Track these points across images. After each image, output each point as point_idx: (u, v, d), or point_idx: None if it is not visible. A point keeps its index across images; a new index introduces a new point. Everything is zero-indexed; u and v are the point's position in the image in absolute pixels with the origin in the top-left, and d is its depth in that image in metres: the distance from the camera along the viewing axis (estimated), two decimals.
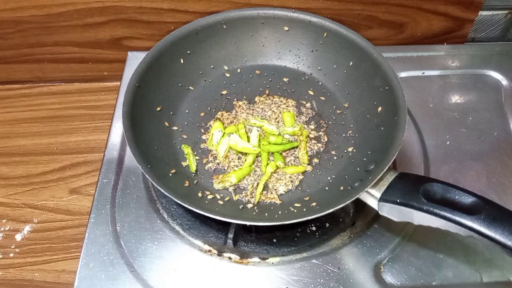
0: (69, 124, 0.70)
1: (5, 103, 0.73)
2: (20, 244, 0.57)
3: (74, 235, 0.58)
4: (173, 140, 0.56)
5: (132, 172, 0.58)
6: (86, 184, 0.63)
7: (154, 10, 0.69)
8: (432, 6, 0.70)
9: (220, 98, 0.61)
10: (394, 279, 0.49)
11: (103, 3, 0.67)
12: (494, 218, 0.33)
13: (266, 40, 0.64)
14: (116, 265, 0.50)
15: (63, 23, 0.69)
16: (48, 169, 0.65)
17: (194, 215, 0.53)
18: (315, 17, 0.61)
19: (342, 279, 0.49)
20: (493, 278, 0.49)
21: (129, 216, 0.54)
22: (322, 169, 0.54)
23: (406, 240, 0.52)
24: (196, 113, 0.59)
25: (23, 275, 0.55)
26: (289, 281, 0.49)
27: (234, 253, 0.51)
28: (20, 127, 0.70)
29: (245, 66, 0.64)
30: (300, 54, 0.64)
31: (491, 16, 0.74)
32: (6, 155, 0.66)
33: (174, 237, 0.52)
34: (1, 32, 0.70)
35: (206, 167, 0.54)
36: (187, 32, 0.60)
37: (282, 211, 0.49)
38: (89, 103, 0.73)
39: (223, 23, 0.62)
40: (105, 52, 0.74)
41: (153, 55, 0.57)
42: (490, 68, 0.70)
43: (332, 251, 0.51)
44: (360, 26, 0.73)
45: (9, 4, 0.66)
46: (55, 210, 0.60)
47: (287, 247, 0.51)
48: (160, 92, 0.58)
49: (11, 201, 0.61)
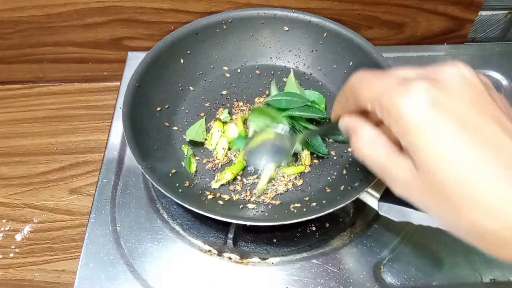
0: (69, 124, 0.70)
1: (5, 103, 0.73)
2: (20, 244, 0.57)
3: (74, 235, 0.58)
4: (173, 140, 0.56)
5: (132, 172, 0.58)
6: (86, 184, 0.63)
7: (154, 10, 0.69)
8: (432, 6, 0.70)
9: (220, 98, 0.61)
10: (394, 279, 0.49)
11: (103, 3, 0.67)
12: None
13: (266, 40, 0.64)
14: (116, 265, 0.50)
15: (63, 23, 0.69)
16: (48, 169, 0.65)
17: (194, 215, 0.53)
18: (315, 17, 0.61)
19: (342, 279, 0.49)
20: (493, 278, 0.49)
21: (129, 216, 0.54)
22: (322, 169, 0.54)
23: (406, 240, 0.52)
24: (196, 113, 0.59)
25: (23, 275, 0.55)
26: (289, 281, 0.49)
27: (234, 253, 0.51)
28: (20, 127, 0.70)
29: (245, 66, 0.64)
30: (300, 54, 0.64)
31: (491, 16, 0.74)
32: (6, 155, 0.66)
33: (174, 237, 0.52)
34: (1, 32, 0.70)
35: (206, 167, 0.54)
36: (187, 32, 0.60)
37: (282, 211, 0.49)
38: (89, 103, 0.73)
39: (223, 23, 0.62)
40: (105, 52, 0.74)
41: (153, 55, 0.57)
42: (490, 68, 0.70)
43: (332, 251, 0.51)
44: (360, 26, 0.73)
45: (9, 4, 0.66)
46: (55, 210, 0.60)
47: (287, 247, 0.51)
48: (160, 92, 0.58)
49: (11, 201, 0.61)
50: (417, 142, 0.27)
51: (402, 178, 0.29)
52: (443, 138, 0.26)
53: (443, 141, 0.26)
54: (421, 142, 0.27)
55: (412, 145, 0.27)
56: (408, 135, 0.27)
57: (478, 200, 0.26)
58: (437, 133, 0.26)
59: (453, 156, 0.26)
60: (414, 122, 0.27)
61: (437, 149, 0.26)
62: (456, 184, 0.26)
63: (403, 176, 0.29)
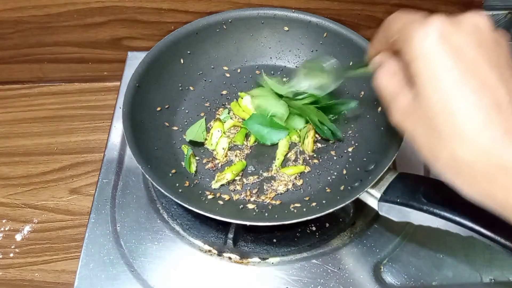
0: (69, 124, 0.70)
1: (5, 103, 0.73)
2: (20, 244, 0.57)
3: (74, 235, 0.58)
4: (173, 140, 0.56)
5: (132, 172, 0.58)
6: (86, 184, 0.63)
7: (154, 10, 0.69)
8: (432, 6, 0.70)
9: (220, 98, 0.61)
10: (394, 279, 0.49)
11: (103, 3, 0.67)
12: (494, 218, 0.33)
13: (266, 40, 0.64)
14: (116, 265, 0.50)
15: (63, 23, 0.69)
16: (48, 169, 0.65)
17: (194, 215, 0.53)
18: (315, 17, 0.61)
19: (342, 279, 0.49)
20: (493, 278, 0.49)
21: (129, 216, 0.54)
22: (322, 169, 0.54)
23: (406, 240, 0.52)
24: (196, 113, 0.59)
25: (23, 275, 0.55)
26: (289, 281, 0.49)
27: (234, 253, 0.51)
28: (20, 127, 0.70)
29: (245, 66, 0.64)
30: (300, 54, 0.64)
31: (491, 16, 0.74)
32: (6, 155, 0.67)
33: (174, 237, 0.52)
34: (1, 32, 0.70)
35: (206, 167, 0.54)
36: (187, 32, 0.60)
37: (282, 211, 0.49)
38: (89, 103, 0.73)
39: (223, 23, 0.62)
40: (105, 52, 0.74)
41: (153, 55, 0.57)
42: None
43: (332, 251, 0.51)
44: (360, 26, 0.73)
45: (9, 4, 0.66)
46: (55, 210, 0.60)
47: (287, 247, 0.51)
48: (160, 92, 0.58)
49: (11, 201, 0.61)
50: (420, 69, 0.30)
51: (403, 105, 0.33)
52: (442, 68, 0.29)
53: (441, 70, 0.29)
54: (423, 69, 0.30)
55: (416, 71, 0.30)
56: (415, 61, 0.30)
57: (459, 130, 0.28)
58: (438, 63, 0.29)
59: (447, 85, 0.29)
60: (422, 50, 0.30)
61: (435, 76, 0.29)
62: (443, 111, 0.29)
63: (404, 103, 0.33)
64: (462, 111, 0.28)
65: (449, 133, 0.29)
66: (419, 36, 0.30)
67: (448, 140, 0.29)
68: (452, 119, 0.29)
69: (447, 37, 0.30)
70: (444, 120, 0.29)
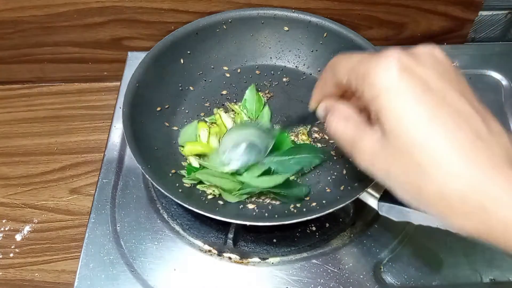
0: (69, 124, 0.70)
1: (5, 103, 0.73)
2: (20, 244, 0.57)
3: (74, 235, 0.58)
4: (173, 140, 0.56)
5: (132, 172, 0.58)
6: (86, 184, 0.63)
7: (154, 10, 0.69)
8: (432, 6, 0.70)
9: (220, 98, 0.61)
10: (394, 279, 0.49)
11: (103, 3, 0.67)
12: None
13: (266, 40, 0.64)
14: (116, 265, 0.50)
15: (63, 23, 0.69)
16: (48, 169, 0.65)
17: (194, 215, 0.53)
18: (315, 17, 0.61)
19: (342, 279, 0.49)
20: (493, 278, 0.49)
21: (129, 216, 0.54)
22: (322, 169, 0.54)
23: (406, 240, 0.52)
24: (196, 113, 0.59)
25: (23, 275, 0.55)
26: (289, 281, 0.49)
27: (234, 253, 0.51)
28: (20, 127, 0.70)
29: (245, 66, 0.64)
30: (300, 54, 0.64)
31: (491, 16, 0.73)
32: (6, 155, 0.66)
33: (174, 237, 0.52)
34: (1, 32, 0.70)
35: None
36: (187, 32, 0.60)
37: (282, 211, 0.49)
38: (89, 103, 0.73)
39: (223, 23, 0.62)
40: (105, 52, 0.74)
41: (153, 55, 0.57)
42: (490, 68, 0.70)
43: (332, 251, 0.51)
44: (360, 26, 0.73)
45: (9, 4, 0.66)
46: (55, 210, 0.60)
47: (287, 247, 0.51)
48: (160, 92, 0.58)
49: (11, 201, 0.61)
50: (386, 105, 0.28)
51: (370, 148, 0.31)
52: (411, 101, 0.27)
53: (411, 104, 0.27)
54: (390, 104, 0.28)
55: (381, 107, 0.29)
56: (378, 98, 0.29)
57: (445, 164, 0.27)
58: (405, 96, 0.28)
59: (421, 118, 0.27)
60: (385, 84, 0.28)
61: (405, 111, 0.28)
62: (423, 146, 0.27)
63: (370, 146, 0.31)
64: (443, 144, 0.27)
65: (434, 168, 0.27)
66: (379, 71, 0.29)
67: (433, 175, 0.27)
68: (434, 154, 0.27)
69: (409, 69, 0.28)
70: (426, 155, 0.27)
